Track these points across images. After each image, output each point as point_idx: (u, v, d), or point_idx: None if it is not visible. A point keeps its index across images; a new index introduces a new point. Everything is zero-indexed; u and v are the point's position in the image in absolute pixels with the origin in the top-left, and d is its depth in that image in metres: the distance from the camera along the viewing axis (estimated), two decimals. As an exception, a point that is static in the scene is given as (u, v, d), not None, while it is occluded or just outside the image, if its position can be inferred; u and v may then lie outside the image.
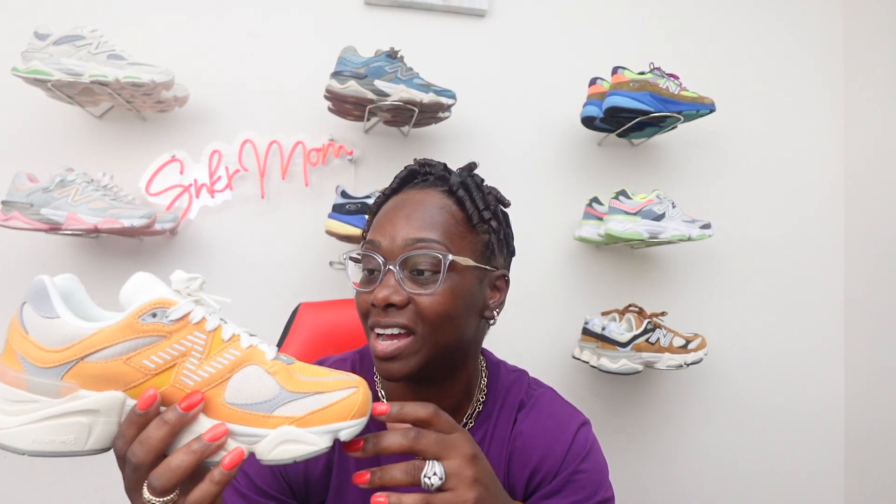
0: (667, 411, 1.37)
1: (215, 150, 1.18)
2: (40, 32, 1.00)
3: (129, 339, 0.38)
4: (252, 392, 0.39)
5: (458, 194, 0.58)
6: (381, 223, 0.57)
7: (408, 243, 0.54)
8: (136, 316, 0.38)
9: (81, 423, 0.38)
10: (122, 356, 0.38)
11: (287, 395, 0.39)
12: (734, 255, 1.41)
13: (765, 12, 1.47)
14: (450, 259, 0.53)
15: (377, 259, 0.55)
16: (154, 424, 0.37)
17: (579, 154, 1.36)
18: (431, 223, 0.55)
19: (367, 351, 0.69)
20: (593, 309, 1.32)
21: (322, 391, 0.40)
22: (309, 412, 0.39)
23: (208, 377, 0.39)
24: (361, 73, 1.06)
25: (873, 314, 1.38)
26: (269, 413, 0.39)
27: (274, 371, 0.40)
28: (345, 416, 0.39)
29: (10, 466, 1.10)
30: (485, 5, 1.30)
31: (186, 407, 0.38)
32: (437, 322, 0.53)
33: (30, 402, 0.37)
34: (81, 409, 0.38)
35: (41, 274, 0.41)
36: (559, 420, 0.63)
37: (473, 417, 0.63)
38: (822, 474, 1.43)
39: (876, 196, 1.39)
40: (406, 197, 0.59)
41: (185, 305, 0.39)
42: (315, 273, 1.22)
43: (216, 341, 0.40)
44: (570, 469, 0.59)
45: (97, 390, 0.38)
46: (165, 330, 0.39)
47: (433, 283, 0.54)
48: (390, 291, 0.53)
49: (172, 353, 0.39)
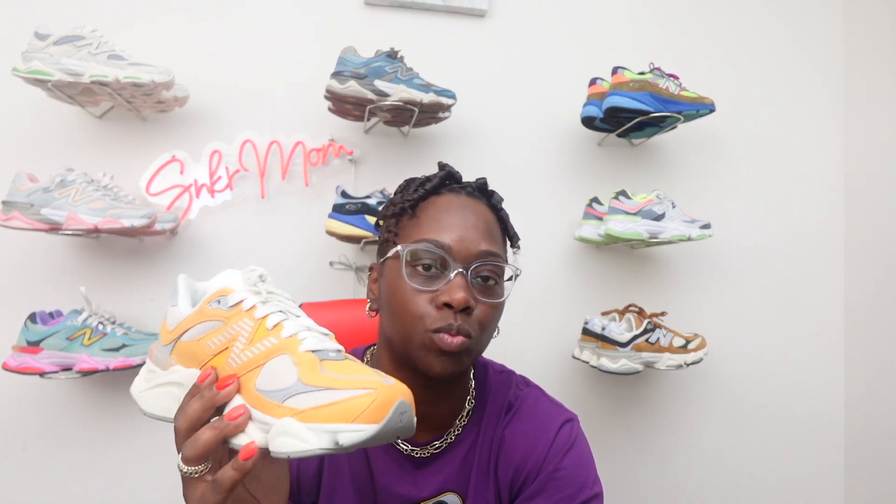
0: (666, 411, 1.37)
1: (215, 150, 1.18)
2: (40, 32, 1.00)
3: (201, 322, 0.43)
4: (275, 380, 0.39)
5: (502, 214, 0.62)
6: (445, 224, 0.56)
7: (483, 253, 0.56)
8: (207, 302, 0.43)
9: (173, 394, 0.43)
10: (197, 337, 0.43)
11: (299, 387, 0.38)
12: (734, 254, 1.41)
13: (765, 12, 1.47)
14: (518, 273, 0.58)
15: (445, 258, 0.55)
16: (196, 398, 0.40)
17: (579, 154, 1.36)
18: (495, 237, 0.59)
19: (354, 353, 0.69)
20: (593, 309, 1.32)
21: (333, 387, 0.37)
22: (311, 406, 0.37)
23: (247, 361, 0.41)
24: (361, 74, 1.06)
25: (873, 314, 1.39)
26: (281, 402, 0.38)
27: (300, 362, 0.40)
28: (348, 417, 0.36)
29: (9, 467, 1.10)
30: (485, 5, 1.30)
31: (219, 386, 0.40)
32: (490, 330, 0.57)
33: (154, 371, 0.46)
34: (174, 381, 0.44)
35: (41, 274, 0.44)
36: (542, 420, 0.63)
37: (465, 418, 0.63)
38: (822, 475, 1.43)
39: (876, 196, 1.39)
40: (462, 201, 0.59)
41: (241, 293, 0.43)
42: (315, 273, 1.22)
43: (261, 328, 0.41)
44: (551, 467, 0.59)
45: (186, 367, 0.44)
46: (224, 315, 0.42)
47: (495, 293, 0.57)
48: (469, 294, 0.54)
49: (227, 336, 0.42)
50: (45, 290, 1.10)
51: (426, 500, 0.61)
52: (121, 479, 1.12)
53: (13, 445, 1.10)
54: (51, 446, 1.11)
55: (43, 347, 0.97)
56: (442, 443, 0.62)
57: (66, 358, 0.98)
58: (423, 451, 0.61)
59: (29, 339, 0.97)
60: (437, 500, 0.61)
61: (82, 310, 1.01)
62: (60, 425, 1.11)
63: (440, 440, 0.62)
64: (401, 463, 0.61)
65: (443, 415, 0.62)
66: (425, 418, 0.61)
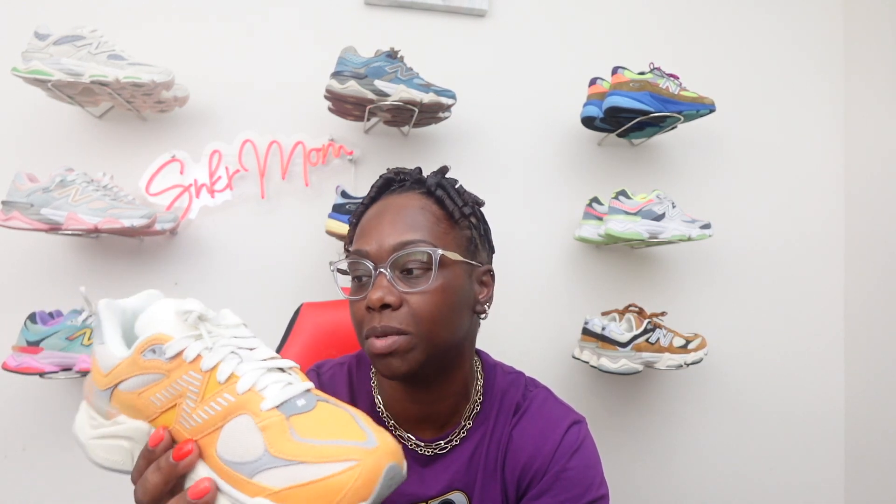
0: (666, 411, 1.37)
1: (215, 150, 1.18)
2: (40, 32, 1.00)
3: (136, 375, 0.37)
4: (238, 448, 0.34)
5: (437, 194, 0.60)
6: (366, 231, 0.58)
7: (396, 246, 0.55)
8: (138, 352, 0.37)
9: (124, 447, 0.38)
10: (136, 390, 0.37)
11: (269, 460, 0.33)
12: (734, 254, 1.41)
13: (765, 12, 1.47)
14: (439, 254, 0.55)
15: (366, 265, 0.55)
16: (151, 468, 0.36)
17: (579, 154, 1.36)
18: (415, 224, 0.57)
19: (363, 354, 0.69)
20: (593, 309, 1.32)
21: (309, 460, 0.32)
22: (286, 486, 0.32)
23: (202, 423, 0.35)
24: (361, 73, 1.06)
25: (873, 314, 1.39)
26: (250, 477, 0.33)
27: (265, 425, 0.34)
28: (331, 498, 0.30)
29: (9, 467, 1.10)
30: (485, 5, 1.30)
31: (176, 457, 0.35)
32: (432, 320, 0.54)
33: (95, 419, 0.40)
34: (120, 434, 0.38)
35: (41, 274, 0.42)
36: (550, 420, 0.63)
37: (471, 418, 0.63)
38: (822, 474, 1.43)
39: (876, 196, 1.39)
40: (386, 203, 0.60)
41: (180, 342, 0.36)
42: (315, 273, 1.22)
43: (211, 382, 0.36)
44: (557, 467, 0.59)
45: (132, 418, 0.38)
46: (164, 367, 0.36)
47: (424, 280, 0.55)
48: (384, 292, 0.53)
49: (172, 392, 0.36)
50: (45, 290, 1.10)
51: (433, 499, 0.61)
52: (121, 479, 1.12)
53: (13, 445, 1.10)
54: (51, 446, 1.11)
55: (43, 347, 0.97)
56: (448, 442, 0.62)
57: (66, 358, 0.98)
58: (429, 448, 0.62)
59: (29, 339, 0.97)
60: (444, 498, 0.61)
61: (82, 310, 1.01)
62: (60, 425, 1.11)
63: (446, 439, 0.62)
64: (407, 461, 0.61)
65: (444, 413, 0.62)
66: (426, 417, 0.61)
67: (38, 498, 1.11)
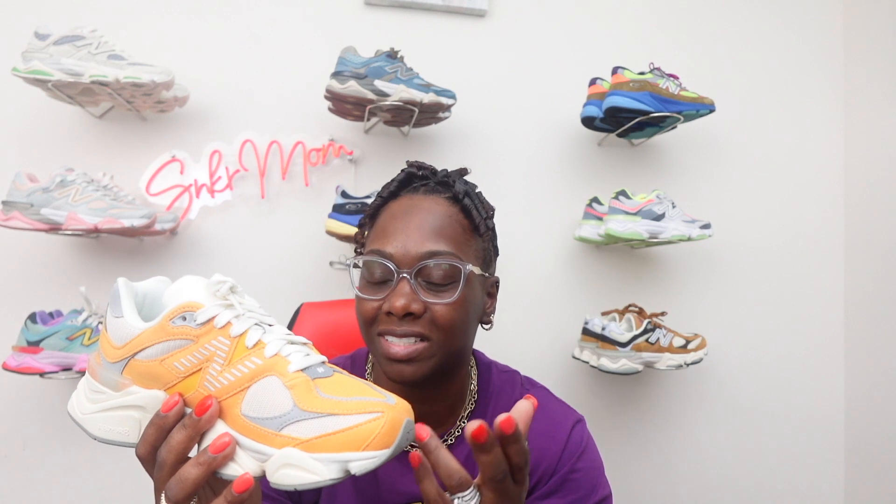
0: (666, 411, 1.37)
1: (215, 150, 1.18)
2: (40, 32, 1.00)
3: (163, 341, 0.38)
4: (266, 405, 0.36)
5: (465, 202, 0.59)
6: (389, 231, 0.57)
7: (423, 255, 0.54)
8: (167, 319, 0.39)
9: (133, 418, 0.40)
10: (159, 357, 0.39)
11: (298, 413, 0.36)
12: (734, 255, 1.41)
13: (765, 12, 1.47)
14: (469, 269, 0.55)
15: (388, 266, 0.55)
16: (177, 427, 0.37)
17: (579, 154, 1.36)
18: (443, 233, 0.56)
19: (358, 355, 0.69)
20: (593, 309, 1.32)
21: (337, 412, 0.35)
22: (316, 436, 0.35)
23: (228, 385, 0.38)
24: (361, 73, 1.06)
25: (873, 315, 1.39)
26: (278, 431, 0.36)
27: (292, 384, 0.37)
28: (358, 445, 0.34)
29: (9, 467, 1.10)
30: (485, 5, 1.30)
31: (198, 412, 0.37)
32: (452, 330, 0.55)
33: (101, 392, 0.41)
34: (132, 404, 0.39)
35: (41, 274, 0.42)
36: (553, 419, 0.63)
37: (466, 418, 0.63)
38: (822, 474, 1.43)
39: (876, 196, 1.39)
40: (412, 203, 0.58)
41: (211, 309, 0.39)
42: (315, 273, 1.22)
43: (239, 347, 0.38)
44: (566, 468, 0.60)
45: (146, 388, 0.39)
46: (193, 333, 0.38)
47: (449, 292, 0.55)
48: (409, 300, 0.53)
49: (199, 357, 0.38)
50: (45, 290, 1.10)
51: None
52: (121, 479, 1.12)
53: (13, 445, 1.10)
54: (51, 446, 1.11)
55: (43, 347, 0.97)
56: (444, 442, 0.62)
57: (66, 358, 0.98)
58: None
59: (29, 339, 0.98)
60: None
61: (82, 310, 1.01)
62: (60, 425, 1.11)
63: (441, 439, 0.62)
64: (403, 460, 0.61)
65: (442, 412, 0.62)
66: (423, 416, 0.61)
67: (38, 498, 1.11)
